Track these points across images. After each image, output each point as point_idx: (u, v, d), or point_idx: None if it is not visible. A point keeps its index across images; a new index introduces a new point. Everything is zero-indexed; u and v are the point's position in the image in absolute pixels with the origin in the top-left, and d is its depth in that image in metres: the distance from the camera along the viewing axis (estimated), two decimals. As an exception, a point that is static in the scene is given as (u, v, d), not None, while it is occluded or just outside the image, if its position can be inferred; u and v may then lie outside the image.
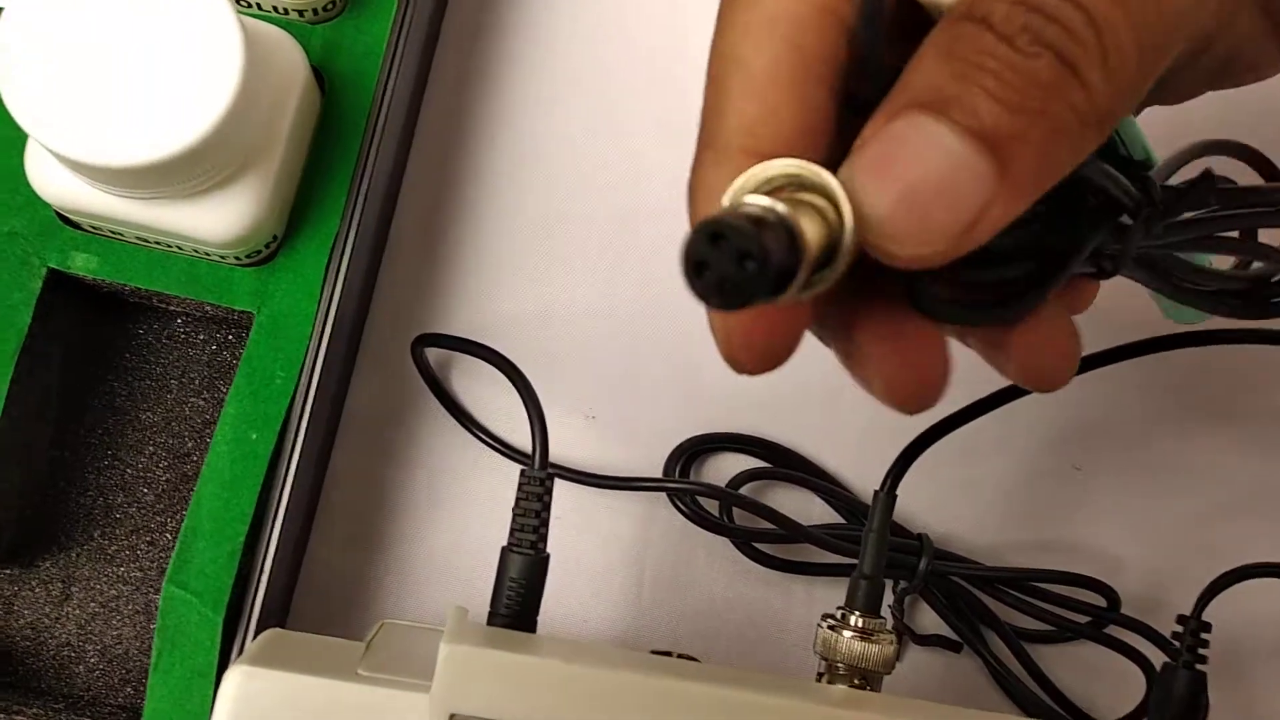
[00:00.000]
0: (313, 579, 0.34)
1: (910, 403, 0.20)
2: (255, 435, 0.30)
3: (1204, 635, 0.28)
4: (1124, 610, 0.34)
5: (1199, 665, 0.28)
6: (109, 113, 0.26)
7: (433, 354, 0.35)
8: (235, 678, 0.23)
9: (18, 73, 0.26)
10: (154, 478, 0.33)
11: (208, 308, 0.31)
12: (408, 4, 0.32)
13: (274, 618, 0.31)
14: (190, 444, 0.33)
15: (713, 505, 0.34)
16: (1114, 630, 0.34)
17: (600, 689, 0.22)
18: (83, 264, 0.30)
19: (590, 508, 0.35)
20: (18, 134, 0.29)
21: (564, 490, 0.34)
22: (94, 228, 0.30)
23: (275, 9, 0.31)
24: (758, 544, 0.34)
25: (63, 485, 0.33)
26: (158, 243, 0.30)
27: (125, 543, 0.33)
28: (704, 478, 0.36)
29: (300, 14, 0.32)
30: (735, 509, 0.34)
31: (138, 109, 0.26)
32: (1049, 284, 0.20)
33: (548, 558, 0.27)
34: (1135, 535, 0.36)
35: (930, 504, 0.36)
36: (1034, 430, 0.36)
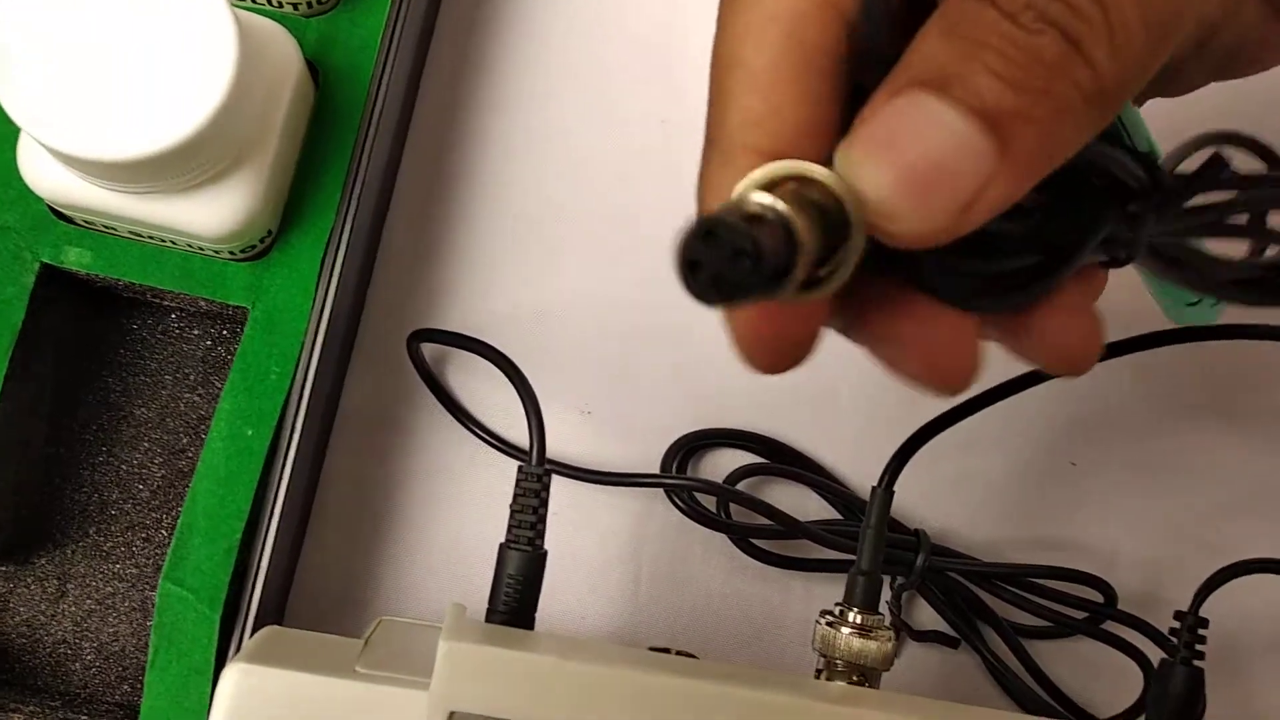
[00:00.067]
0: (309, 576, 0.34)
1: (952, 383, 0.20)
2: (251, 431, 0.30)
3: (1201, 631, 0.28)
4: (1121, 606, 0.34)
5: (1196, 661, 0.28)
6: (102, 107, 0.26)
7: (428, 349, 0.35)
8: (233, 675, 0.23)
9: (10, 67, 0.26)
10: (149, 474, 0.33)
11: (202, 303, 0.31)
12: (403, -3, 0.32)
13: (271, 615, 0.31)
14: (185, 440, 0.33)
15: (710, 501, 0.34)
16: (1111, 626, 0.34)
17: (599, 686, 0.22)
18: (76, 259, 0.30)
19: (587, 504, 0.35)
20: (10, 128, 0.28)
21: (560, 486, 0.34)
22: (87, 222, 0.30)
23: (270, 2, 0.31)
24: (755, 540, 0.34)
25: (57, 482, 0.33)
26: (151, 237, 0.30)
27: (121, 539, 0.33)
28: (701, 473, 0.36)
29: (294, 7, 0.31)
30: (732, 505, 0.34)
31: (131, 103, 0.26)
32: (1060, 270, 0.20)
33: (546, 554, 0.27)
34: (1132, 531, 0.36)
35: (927, 500, 0.36)
36: (1031, 426, 0.36)
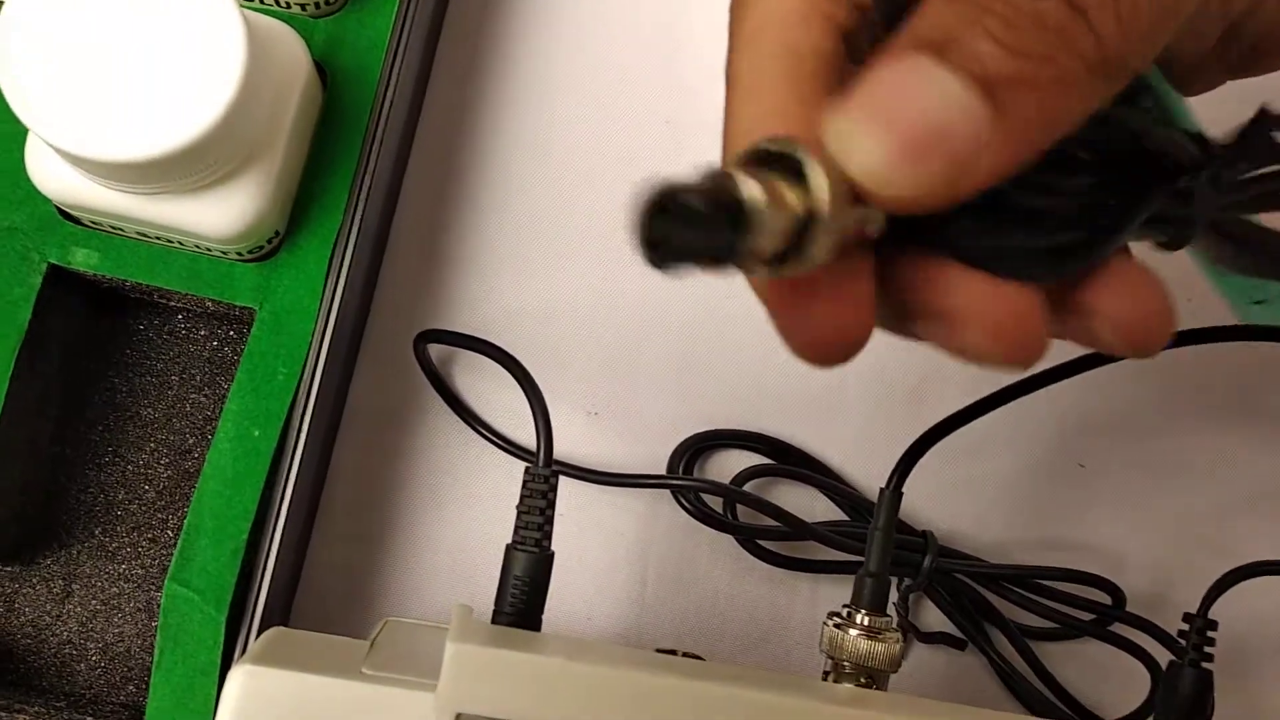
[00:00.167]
0: (315, 577, 0.34)
1: (1025, 351, 0.19)
2: (258, 432, 0.30)
3: (1210, 634, 0.28)
4: (1129, 608, 0.34)
5: (1205, 664, 0.28)
6: (110, 107, 0.26)
7: (435, 350, 0.35)
8: (239, 677, 0.23)
9: (18, 67, 0.26)
10: (155, 474, 0.33)
11: (209, 303, 0.31)
12: (410, -2, 0.32)
13: (276, 616, 0.31)
14: (191, 440, 0.33)
15: (716, 502, 0.34)
16: (1119, 628, 0.34)
17: (607, 688, 0.22)
18: (83, 259, 0.30)
19: (593, 505, 0.35)
20: (18, 128, 0.28)
21: (567, 487, 0.34)
22: (94, 223, 0.30)
23: (278, 3, 0.31)
24: (762, 541, 0.34)
25: (63, 482, 0.33)
26: (159, 238, 0.30)
27: (127, 540, 0.33)
28: (707, 474, 0.35)
29: (303, 8, 0.31)
30: (739, 506, 0.34)
31: (139, 103, 0.26)
32: (1107, 241, 0.19)
33: (552, 555, 0.27)
34: (1140, 533, 0.36)
35: (935, 501, 0.35)
36: (1039, 427, 0.36)
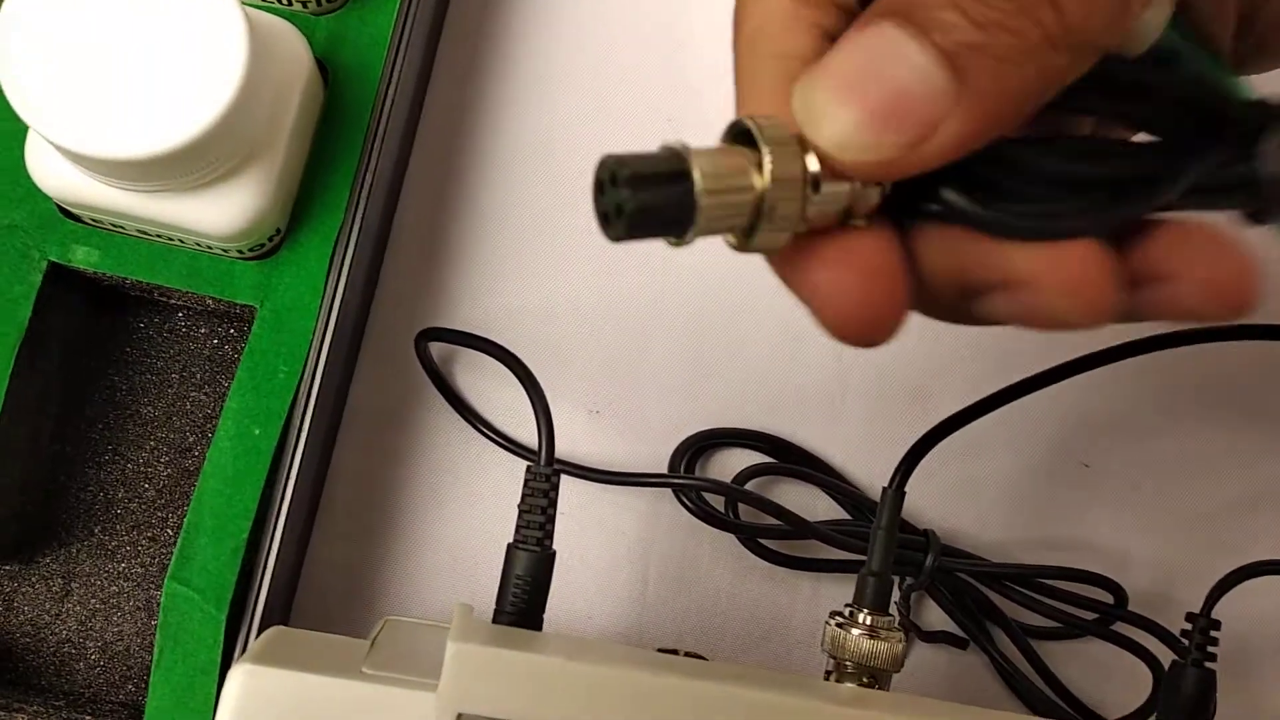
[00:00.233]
0: (315, 576, 0.34)
1: (1098, 309, 0.19)
2: (258, 430, 0.30)
3: (1213, 633, 0.28)
4: (1131, 607, 0.34)
5: (1208, 663, 0.28)
6: (111, 105, 0.26)
7: (436, 348, 0.35)
8: (239, 676, 0.23)
9: (18, 64, 0.26)
10: (155, 473, 0.33)
11: (209, 302, 0.31)
12: (412, -5, 0.32)
13: (277, 615, 0.31)
14: (192, 439, 0.33)
15: (718, 501, 0.34)
16: (1121, 627, 0.34)
17: (609, 688, 0.22)
18: (83, 257, 0.30)
19: (595, 503, 0.35)
20: (18, 126, 0.28)
21: (568, 486, 0.34)
22: (95, 221, 0.30)
23: (279, 1, 0.31)
24: (763, 540, 0.34)
25: (63, 480, 0.33)
26: (159, 236, 0.30)
27: (126, 538, 0.33)
28: (709, 473, 0.35)
29: (304, 5, 0.31)
30: (741, 505, 0.34)
31: (140, 101, 0.26)
32: (1158, 192, 0.19)
33: (554, 555, 0.27)
34: (1143, 532, 0.36)
35: (937, 500, 0.35)
36: (1042, 426, 0.36)
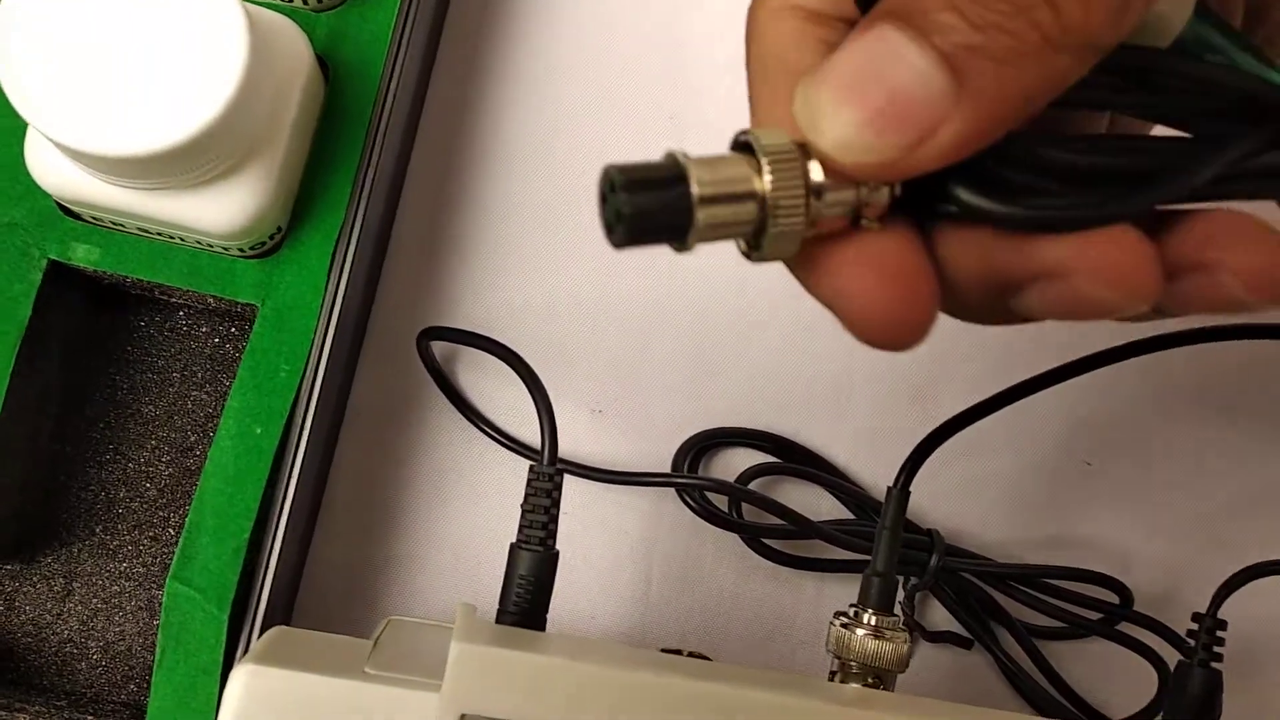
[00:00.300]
0: (317, 575, 0.34)
1: (1144, 290, 0.18)
2: (260, 429, 0.29)
3: (1219, 633, 0.28)
4: (1136, 607, 0.34)
5: (1214, 664, 0.28)
6: (111, 101, 0.26)
7: (438, 347, 0.35)
8: (241, 677, 0.23)
9: (18, 61, 0.26)
10: (156, 472, 0.33)
11: (210, 300, 0.31)
12: (413, -8, 0.32)
13: (279, 615, 0.31)
14: (193, 438, 0.33)
15: (721, 501, 0.34)
16: (1126, 627, 0.34)
17: (613, 689, 0.22)
18: (84, 255, 0.30)
19: (597, 503, 0.35)
20: (17, 123, 0.28)
21: (570, 485, 0.34)
22: (95, 219, 0.30)
23: (279, -4, 0.31)
24: (767, 540, 0.34)
25: (64, 480, 0.33)
26: (160, 234, 0.30)
27: (128, 538, 0.33)
28: (712, 473, 0.35)
29: (304, 2, 0.31)
30: (744, 504, 0.34)
31: (140, 97, 0.26)
32: (1182, 178, 0.18)
33: (557, 554, 0.26)
34: (1148, 531, 0.36)
35: (941, 500, 0.35)
36: (1046, 426, 0.36)
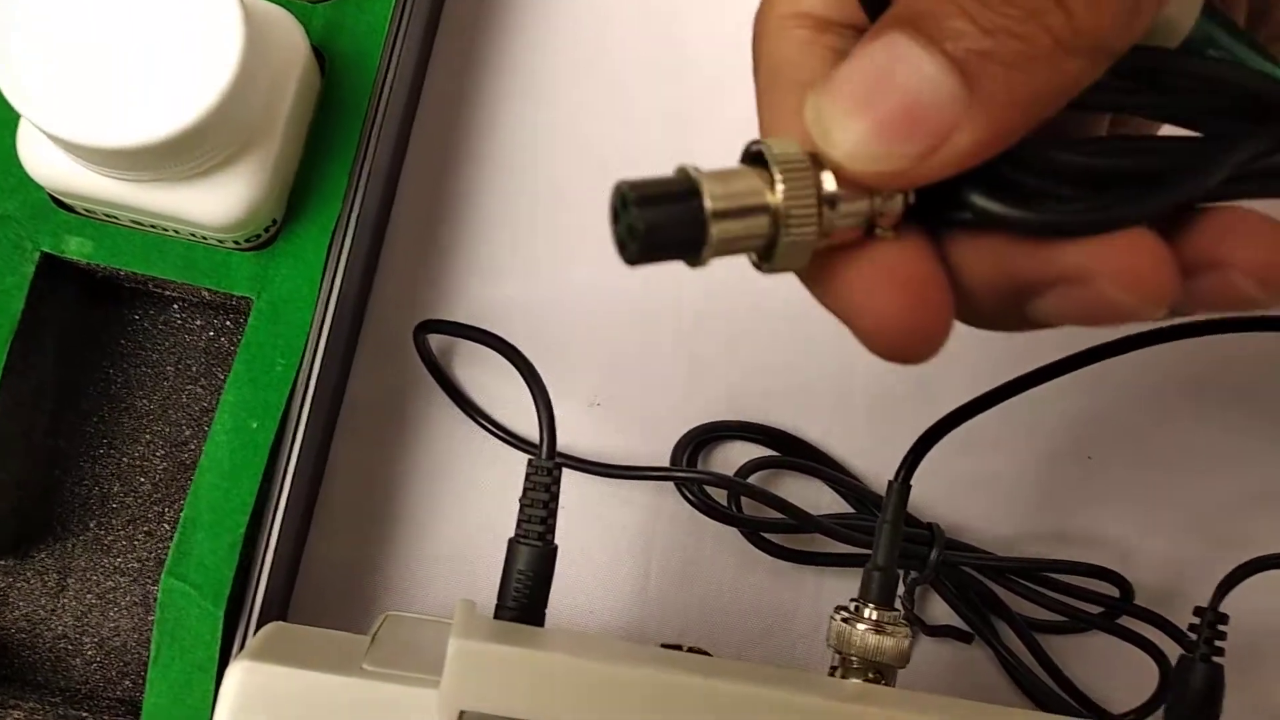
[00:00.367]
0: (314, 570, 0.34)
1: (1162, 295, 0.18)
2: (255, 424, 0.29)
3: (1221, 627, 0.28)
4: (1137, 601, 0.34)
5: (1216, 658, 0.28)
6: (104, 92, 0.25)
7: (435, 340, 0.35)
8: (237, 673, 0.23)
9: (9, 51, 0.25)
10: (151, 467, 0.33)
11: (205, 293, 0.31)
12: (410, -18, 0.32)
13: (275, 610, 0.30)
14: (188, 432, 0.33)
15: (721, 495, 0.34)
16: (1127, 621, 0.34)
17: (612, 685, 0.22)
18: (77, 248, 0.30)
19: (596, 497, 0.35)
20: (9, 114, 0.28)
21: (568, 479, 0.33)
22: (88, 211, 0.30)
23: (274, -14, 0.31)
24: (766, 534, 0.34)
25: (58, 474, 0.32)
26: (154, 226, 0.30)
27: (122, 533, 0.32)
28: (711, 466, 0.35)
29: (300, -8, 0.31)
30: (743, 498, 0.34)
31: (135, 88, 0.25)
32: (1197, 177, 0.18)
33: (556, 549, 0.26)
34: (1148, 525, 0.35)
35: (941, 493, 0.35)
36: (1047, 419, 0.36)
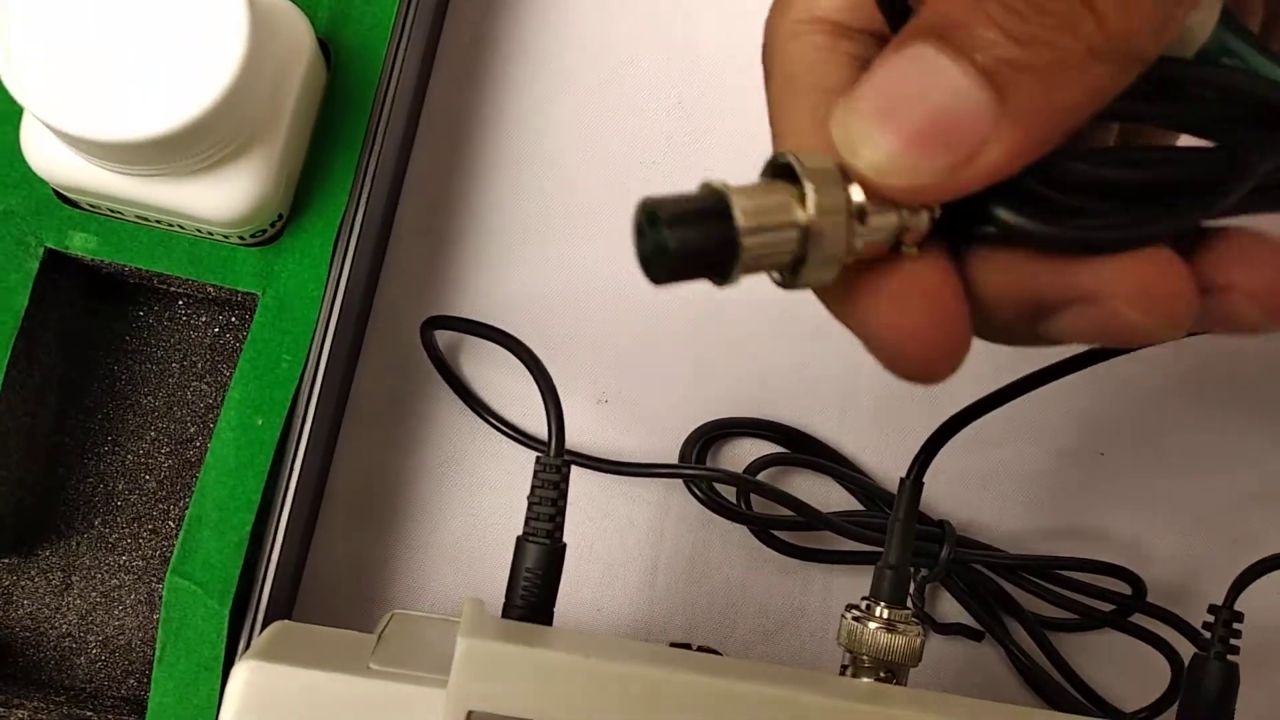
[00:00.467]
0: (320, 569, 0.34)
1: (1177, 317, 0.18)
2: (261, 420, 0.29)
3: (1236, 625, 0.27)
4: (1150, 599, 0.33)
5: (1231, 656, 0.27)
6: (109, 86, 0.25)
7: (442, 337, 0.34)
8: (244, 673, 0.22)
9: (14, 45, 0.25)
10: (156, 464, 0.32)
11: (210, 289, 0.30)
12: (416, -25, 0.31)
13: (281, 609, 0.30)
14: (193, 429, 0.33)
15: (730, 492, 0.33)
16: (1139, 619, 0.33)
17: (622, 685, 0.21)
18: (81, 244, 0.29)
19: (604, 494, 0.34)
20: (13, 108, 0.28)
21: (576, 476, 0.33)
22: (93, 206, 0.29)
23: (279, -21, 0.30)
24: (775, 531, 0.34)
25: (62, 472, 0.32)
26: (159, 222, 0.29)
27: (127, 530, 0.32)
28: (720, 463, 0.35)
29: (305, -16, 0.31)
30: (753, 495, 0.33)
31: (139, 82, 0.25)
32: (1224, 192, 0.18)
33: (564, 547, 0.26)
34: (1161, 522, 0.35)
35: (952, 490, 0.35)
36: (1058, 416, 0.35)
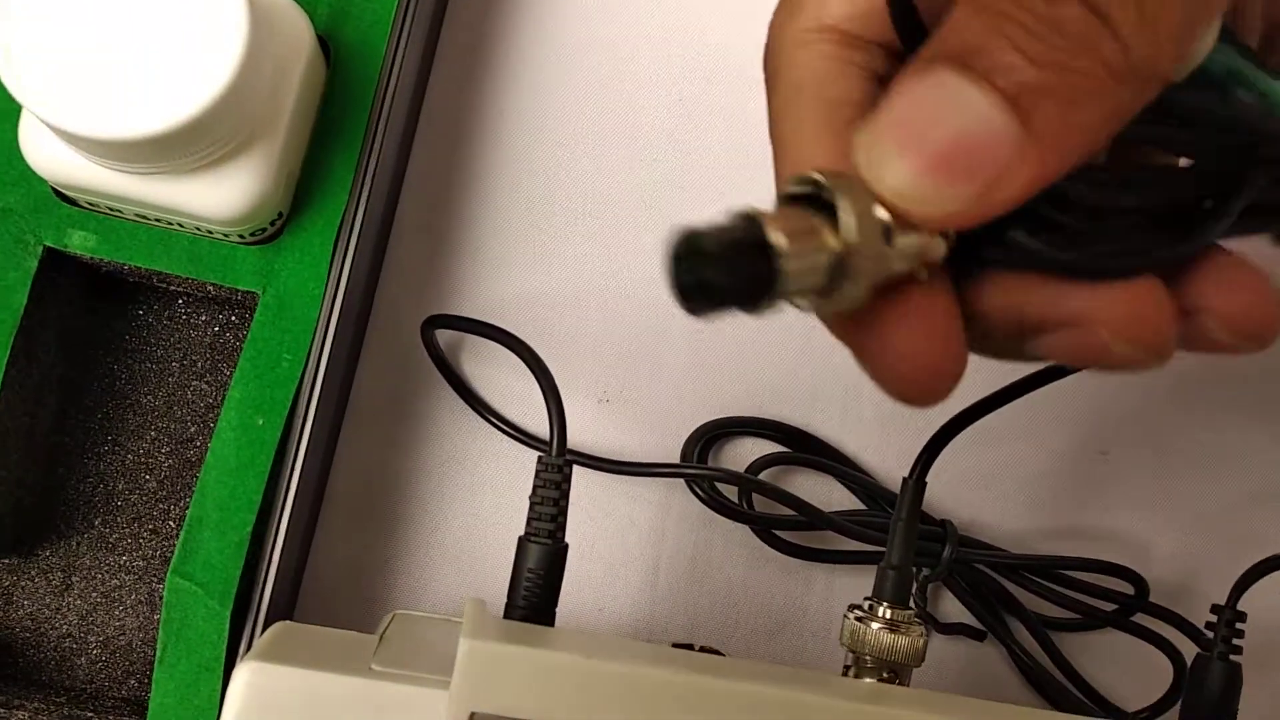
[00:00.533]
0: (321, 569, 0.33)
1: (1160, 346, 0.18)
2: (261, 420, 0.29)
3: (1239, 625, 0.27)
4: (1152, 598, 0.33)
5: (1234, 656, 0.27)
6: (108, 84, 0.25)
7: (443, 336, 0.34)
8: (245, 674, 0.22)
9: (12, 42, 0.25)
10: (156, 464, 0.32)
11: (210, 288, 0.30)
12: (416, -28, 0.31)
13: (282, 609, 0.30)
14: (193, 429, 0.32)
15: (731, 491, 0.33)
16: (1142, 619, 0.33)
17: (624, 686, 0.21)
18: (80, 242, 0.29)
19: (605, 494, 0.34)
20: (11, 105, 0.28)
21: (578, 476, 0.33)
22: (91, 204, 0.29)
23: (279, -23, 0.30)
24: (777, 531, 0.34)
25: (62, 472, 0.32)
26: (158, 220, 0.29)
27: (127, 531, 0.32)
28: (722, 463, 0.35)
29: (305, -18, 0.30)
30: (754, 495, 0.33)
31: (138, 80, 0.25)
32: (1211, 229, 0.18)
33: (567, 547, 0.26)
34: (1163, 522, 0.35)
35: (954, 490, 0.35)
36: (1060, 415, 0.35)
